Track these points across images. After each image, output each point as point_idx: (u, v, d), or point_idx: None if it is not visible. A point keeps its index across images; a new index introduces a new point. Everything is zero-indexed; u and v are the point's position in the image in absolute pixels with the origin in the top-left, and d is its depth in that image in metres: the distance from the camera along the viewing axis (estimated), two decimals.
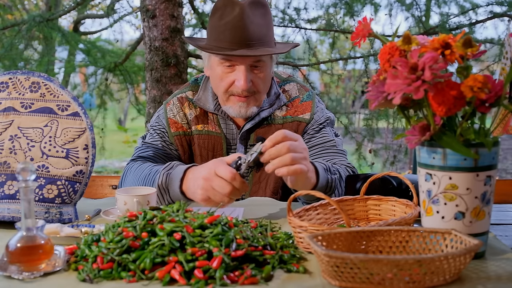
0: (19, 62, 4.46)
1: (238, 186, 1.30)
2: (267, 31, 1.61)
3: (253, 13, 1.57)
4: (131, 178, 1.58)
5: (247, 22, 1.55)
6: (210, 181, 1.31)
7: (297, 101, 1.74)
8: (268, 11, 1.63)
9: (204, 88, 1.75)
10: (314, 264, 1.05)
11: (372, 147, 4.84)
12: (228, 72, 1.62)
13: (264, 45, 1.59)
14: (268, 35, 1.61)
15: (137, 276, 0.97)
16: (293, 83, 1.78)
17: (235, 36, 1.55)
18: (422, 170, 1.07)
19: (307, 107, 1.73)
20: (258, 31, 1.57)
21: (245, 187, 1.32)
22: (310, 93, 1.76)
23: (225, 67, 1.61)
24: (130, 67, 4.71)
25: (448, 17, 4.22)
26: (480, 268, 1.02)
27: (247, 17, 1.55)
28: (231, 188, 1.29)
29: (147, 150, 1.70)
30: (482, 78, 0.96)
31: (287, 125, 1.71)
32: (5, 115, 1.40)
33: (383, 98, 1.02)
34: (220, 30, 1.58)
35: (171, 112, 1.74)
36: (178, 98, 1.76)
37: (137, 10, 5.31)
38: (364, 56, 4.34)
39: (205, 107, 1.72)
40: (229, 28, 1.56)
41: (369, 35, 1.14)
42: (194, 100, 1.73)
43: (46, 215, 1.35)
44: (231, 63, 1.60)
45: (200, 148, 1.72)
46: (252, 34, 1.56)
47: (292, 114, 1.72)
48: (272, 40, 1.64)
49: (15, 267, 1.00)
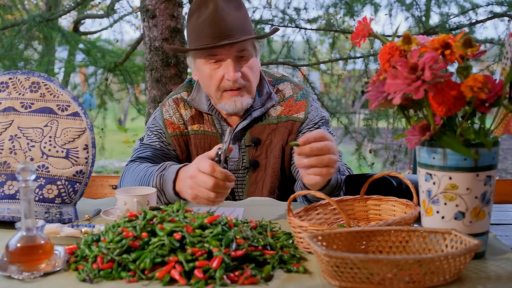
0: (19, 62, 4.45)
1: (220, 176, 1.29)
2: (244, 21, 1.63)
3: (228, 6, 1.59)
4: (129, 179, 1.58)
5: (223, 15, 1.57)
6: (195, 178, 1.32)
7: (291, 101, 1.74)
8: (242, 4, 1.65)
9: (197, 89, 1.76)
10: (314, 264, 1.05)
11: (372, 147, 4.84)
12: (216, 68, 1.63)
13: (245, 34, 1.61)
14: (246, 25, 1.63)
15: (137, 276, 0.97)
16: (286, 83, 1.78)
17: (215, 30, 1.57)
18: (422, 170, 1.07)
19: (301, 106, 1.73)
20: (236, 22, 1.59)
21: (228, 177, 1.30)
22: (304, 92, 1.76)
23: (212, 64, 1.62)
24: (130, 67, 4.70)
25: (448, 17, 4.22)
26: (480, 268, 1.02)
27: (222, 10, 1.58)
28: (213, 181, 1.28)
29: (146, 150, 1.70)
30: (482, 78, 0.96)
31: (281, 125, 1.71)
32: (5, 115, 1.40)
33: (383, 98, 1.02)
34: (199, 28, 1.60)
35: (167, 113, 1.74)
36: (173, 99, 1.77)
37: (137, 10, 5.31)
38: (364, 56, 4.34)
39: (199, 107, 1.73)
40: (207, 24, 1.58)
41: (369, 35, 1.14)
42: (188, 100, 1.74)
43: (46, 215, 1.35)
44: (217, 58, 1.62)
45: (197, 148, 1.72)
46: (230, 25, 1.58)
47: (286, 113, 1.72)
48: (251, 30, 1.66)
49: (15, 267, 1.00)
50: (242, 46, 1.61)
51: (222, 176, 1.29)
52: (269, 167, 1.70)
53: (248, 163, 1.71)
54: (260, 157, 1.71)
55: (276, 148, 1.70)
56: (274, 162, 1.70)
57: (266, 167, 1.71)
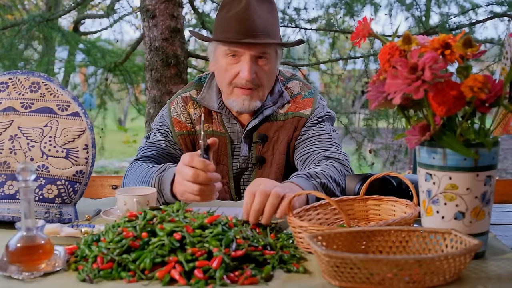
0: (19, 62, 4.45)
1: (198, 166, 1.30)
2: (272, 25, 1.63)
3: (260, 6, 1.60)
4: (131, 179, 1.59)
5: (252, 14, 1.57)
6: (179, 172, 1.34)
7: (299, 98, 1.75)
8: (275, 8, 1.66)
9: (208, 86, 1.75)
10: (314, 264, 1.05)
11: (372, 147, 4.84)
12: (233, 63, 1.62)
13: (270, 38, 1.61)
14: (273, 30, 1.63)
15: (137, 276, 0.97)
16: (295, 81, 1.79)
17: (241, 26, 1.57)
18: (422, 170, 1.07)
19: (308, 103, 1.74)
20: (264, 24, 1.59)
21: (207, 166, 1.30)
22: (312, 91, 1.78)
23: (230, 58, 1.62)
24: (130, 67, 4.70)
25: (448, 17, 4.22)
26: (480, 268, 1.02)
27: (253, 9, 1.58)
28: (192, 171, 1.29)
29: (151, 149, 1.70)
30: (482, 78, 0.96)
31: (288, 121, 1.71)
32: (5, 115, 1.40)
33: (383, 98, 1.02)
34: (226, 22, 1.60)
35: (175, 112, 1.74)
36: (182, 98, 1.76)
37: (137, 10, 5.31)
38: (364, 56, 4.34)
39: (209, 105, 1.72)
40: (235, 20, 1.58)
41: (369, 35, 1.14)
42: (198, 99, 1.73)
43: (46, 215, 1.35)
44: (236, 53, 1.61)
45: None
46: (257, 26, 1.58)
47: (293, 110, 1.73)
48: (278, 35, 1.66)
49: (15, 267, 1.00)
50: (264, 48, 1.61)
51: (201, 165, 1.30)
52: (274, 163, 1.71)
53: (255, 160, 1.72)
54: (267, 153, 1.72)
55: (282, 144, 1.71)
56: (279, 158, 1.71)
57: (272, 163, 1.72)
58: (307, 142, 1.68)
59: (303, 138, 1.70)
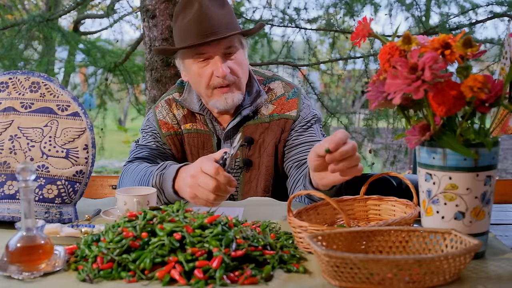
0: (19, 62, 4.45)
1: (223, 180, 1.28)
2: (230, 18, 1.64)
3: (212, 5, 1.61)
4: (128, 179, 1.59)
5: (208, 12, 1.58)
6: (196, 178, 1.31)
7: (283, 99, 1.74)
8: (226, 2, 1.66)
9: (189, 90, 1.76)
10: (314, 264, 1.05)
11: (372, 147, 4.84)
12: (204, 66, 1.63)
13: (231, 31, 1.61)
14: (232, 22, 1.64)
15: (137, 276, 0.97)
16: (278, 81, 1.79)
17: (201, 28, 1.58)
18: (422, 170, 1.07)
19: (293, 104, 1.74)
20: (221, 19, 1.60)
21: (231, 182, 1.30)
22: (295, 90, 1.77)
23: (200, 62, 1.63)
24: (130, 67, 4.70)
25: (448, 17, 4.21)
26: (480, 268, 1.02)
27: (207, 8, 1.59)
28: (215, 183, 1.28)
29: (142, 151, 1.71)
30: (482, 78, 0.96)
31: (274, 123, 1.71)
32: (5, 115, 1.40)
33: (383, 98, 1.02)
34: (184, 29, 1.61)
35: (160, 114, 1.75)
36: (165, 101, 1.78)
37: (137, 10, 5.31)
38: (364, 56, 4.34)
39: (190, 107, 1.74)
40: (193, 23, 1.59)
41: (369, 35, 1.14)
42: (180, 100, 1.75)
43: (46, 215, 1.35)
44: (205, 56, 1.62)
45: (190, 146, 1.73)
46: (216, 23, 1.59)
47: (278, 112, 1.73)
48: (237, 26, 1.67)
49: (15, 267, 1.00)
50: (229, 42, 1.62)
51: (225, 180, 1.29)
52: (262, 166, 1.71)
53: (242, 163, 1.72)
54: (253, 156, 1.72)
55: (269, 146, 1.71)
56: (267, 160, 1.71)
57: (260, 166, 1.71)
58: (299, 148, 1.68)
59: (295, 144, 1.70)
